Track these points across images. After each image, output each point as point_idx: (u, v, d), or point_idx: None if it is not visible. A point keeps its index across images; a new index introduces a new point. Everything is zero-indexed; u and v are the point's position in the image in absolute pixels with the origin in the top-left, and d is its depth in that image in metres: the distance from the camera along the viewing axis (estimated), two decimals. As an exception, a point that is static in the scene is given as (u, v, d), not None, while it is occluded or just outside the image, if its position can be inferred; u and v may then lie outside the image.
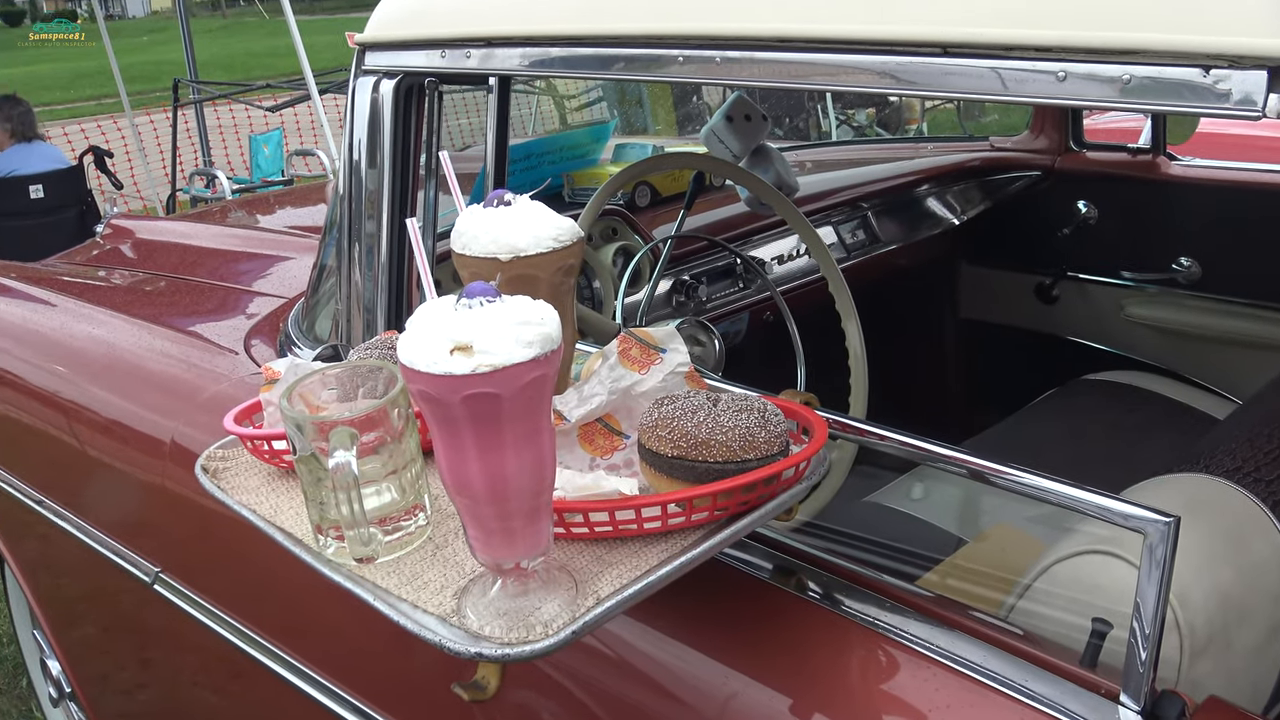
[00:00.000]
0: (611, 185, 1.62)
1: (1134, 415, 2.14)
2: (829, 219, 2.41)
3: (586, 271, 1.88)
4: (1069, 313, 2.59)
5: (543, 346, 0.76)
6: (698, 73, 1.05)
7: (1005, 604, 1.06)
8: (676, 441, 0.90)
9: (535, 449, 0.80)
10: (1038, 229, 2.59)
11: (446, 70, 1.32)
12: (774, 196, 1.80)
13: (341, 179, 1.48)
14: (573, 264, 1.00)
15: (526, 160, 2.07)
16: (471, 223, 0.97)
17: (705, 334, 1.71)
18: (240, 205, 3.79)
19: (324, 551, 0.95)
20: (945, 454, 1.00)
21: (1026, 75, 0.84)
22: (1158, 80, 0.78)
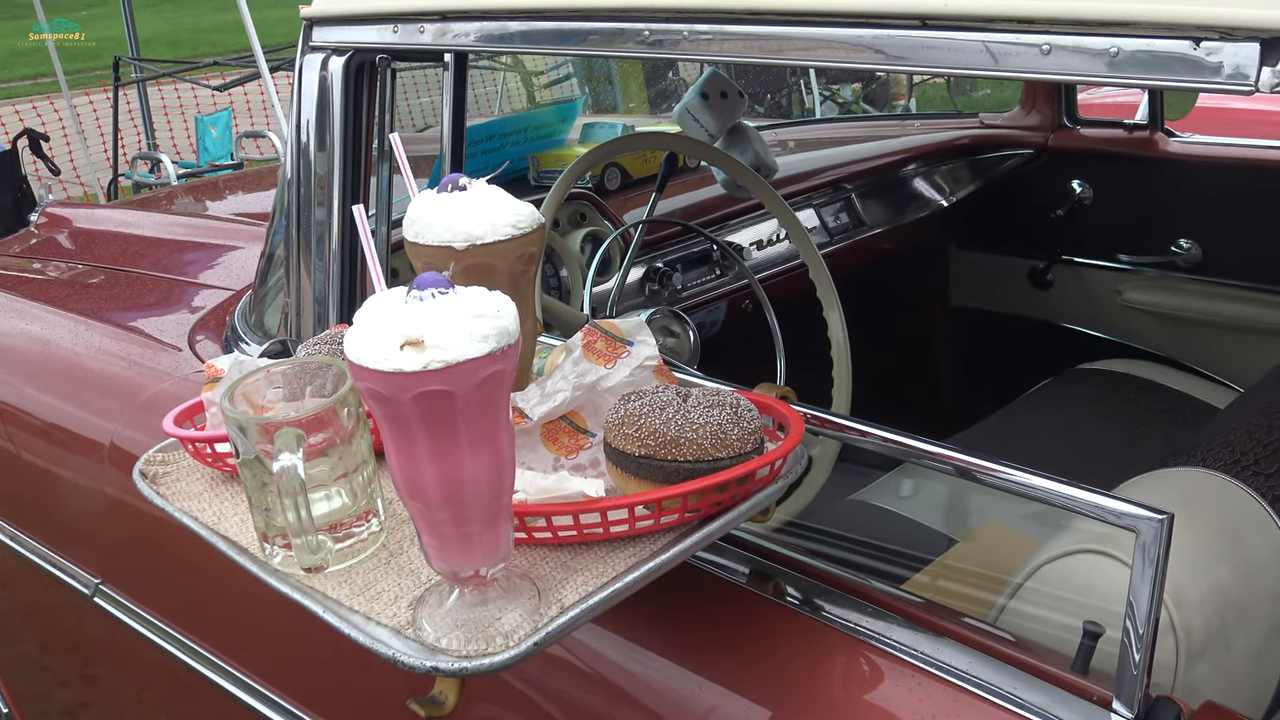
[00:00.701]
0: (578, 167, 1.61)
1: (1131, 405, 2.15)
2: (810, 201, 2.41)
3: (553, 259, 1.87)
4: (1063, 298, 2.60)
5: (499, 340, 0.76)
6: (665, 48, 1.05)
7: (994, 607, 1.06)
8: (644, 440, 0.90)
9: (493, 450, 0.79)
10: (1030, 210, 2.60)
11: (399, 46, 1.31)
12: (750, 178, 1.80)
13: (289, 162, 1.47)
14: (533, 252, 1.00)
15: (488, 141, 2.07)
16: (424, 209, 0.96)
17: (679, 325, 1.71)
18: (186, 191, 3.76)
19: (271, 561, 0.95)
20: (930, 450, 1.00)
21: (1009, 49, 0.84)
22: (1146, 53, 0.78)
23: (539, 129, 2.17)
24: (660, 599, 1.00)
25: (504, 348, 0.76)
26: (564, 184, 1.59)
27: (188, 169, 6.61)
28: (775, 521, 1.28)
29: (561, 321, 1.59)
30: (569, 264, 1.86)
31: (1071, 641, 0.90)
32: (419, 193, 0.98)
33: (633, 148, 1.94)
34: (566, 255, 1.86)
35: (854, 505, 1.78)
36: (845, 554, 1.42)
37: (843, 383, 1.78)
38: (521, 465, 1.00)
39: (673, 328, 1.71)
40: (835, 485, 1.80)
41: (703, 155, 1.86)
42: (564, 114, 2.24)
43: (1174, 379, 2.22)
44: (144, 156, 6.86)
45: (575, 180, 1.62)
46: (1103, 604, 0.94)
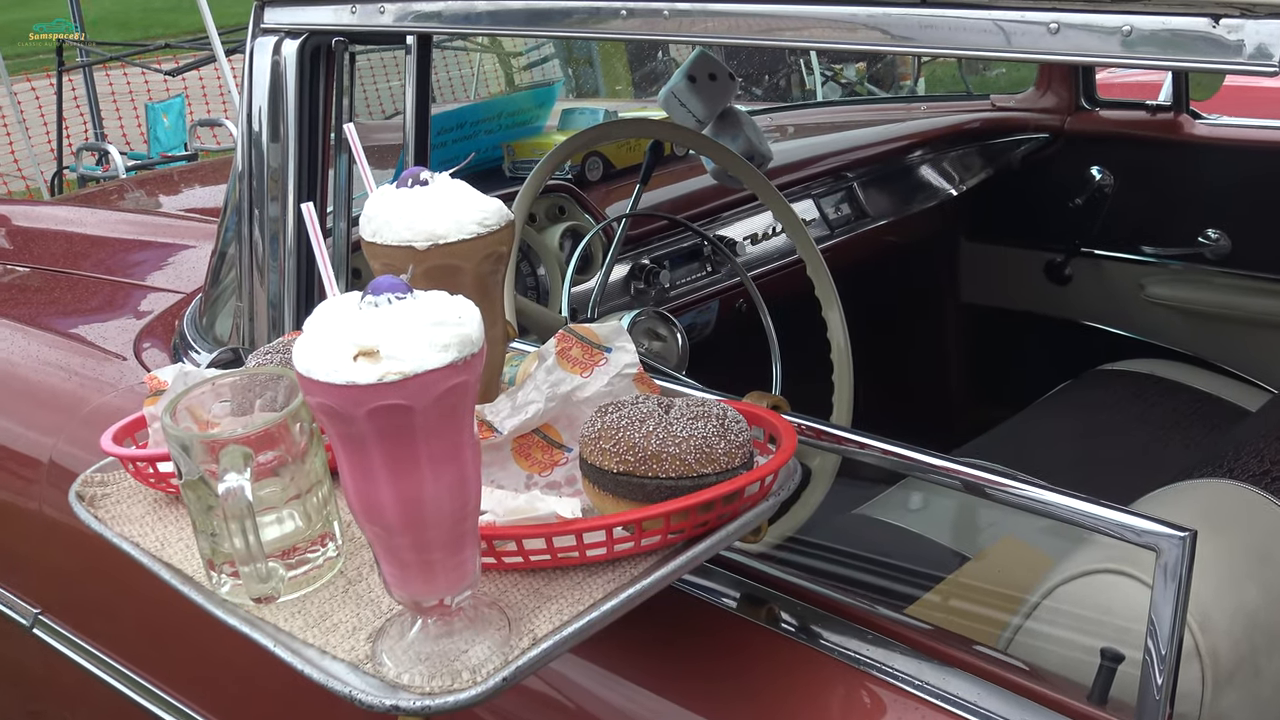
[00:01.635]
0: (554, 157, 1.60)
1: (1157, 409, 2.15)
2: (809, 191, 2.41)
3: (529, 257, 1.87)
4: (1083, 294, 2.60)
5: (461, 350, 0.75)
6: (643, 28, 1.05)
7: (1006, 631, 1.06)
8: (622, 455, 0.89)
9: (456, 468, 0.79)
10: (1046, 199, 2.60)
11: (357, 28, 1.31)
12: (741, 167, 1.80)
13: (240, 154, 1.46)
14: (502, 252, 0.99)
15: (459, 130, 2.06)
16: (382, 206, 0.96)
17: (666, 327, 1.70)
18: (136, 185, 3.75)
19: (218, 590, 0.94)
20: (936, 464, 1.00)
21: (1015, 27, 0.84)
22: (1162, 31, 0.78)
23: (514, 115, 2.16)
24: (643, 627, 0.99)
25: (466, 358, 0.76)
26: (539, 175, 1.58)
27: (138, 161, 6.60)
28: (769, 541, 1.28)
29: (538, 325, 1.58)
30: (547, 262, 1.86)
31: (1089, 668, 0.89)
32: (377, 188, 0.97)
33: (613, 136, 1.93)
34: (544, 252, 1.85)
35: (858, 521, 1.78)
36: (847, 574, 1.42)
37: (843, 388, 1.78)
38: (491, 483, 1.00)
39: (659, 330, 1.70)
40: (838, 499, 1.80)
41: (689, 143, 1.86)
42: (541, 99, 2.23)
43: (1202, 380, 2.23)
44: (90, 148, 6.84)
45: (551, 171, 1.62)
46: (1123, 627, 0.93)
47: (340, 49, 1.33)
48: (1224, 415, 2.11)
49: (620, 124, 1.94)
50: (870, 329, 2.57)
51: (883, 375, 2.60)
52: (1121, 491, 1.57)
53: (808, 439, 1.03)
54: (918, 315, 2.74)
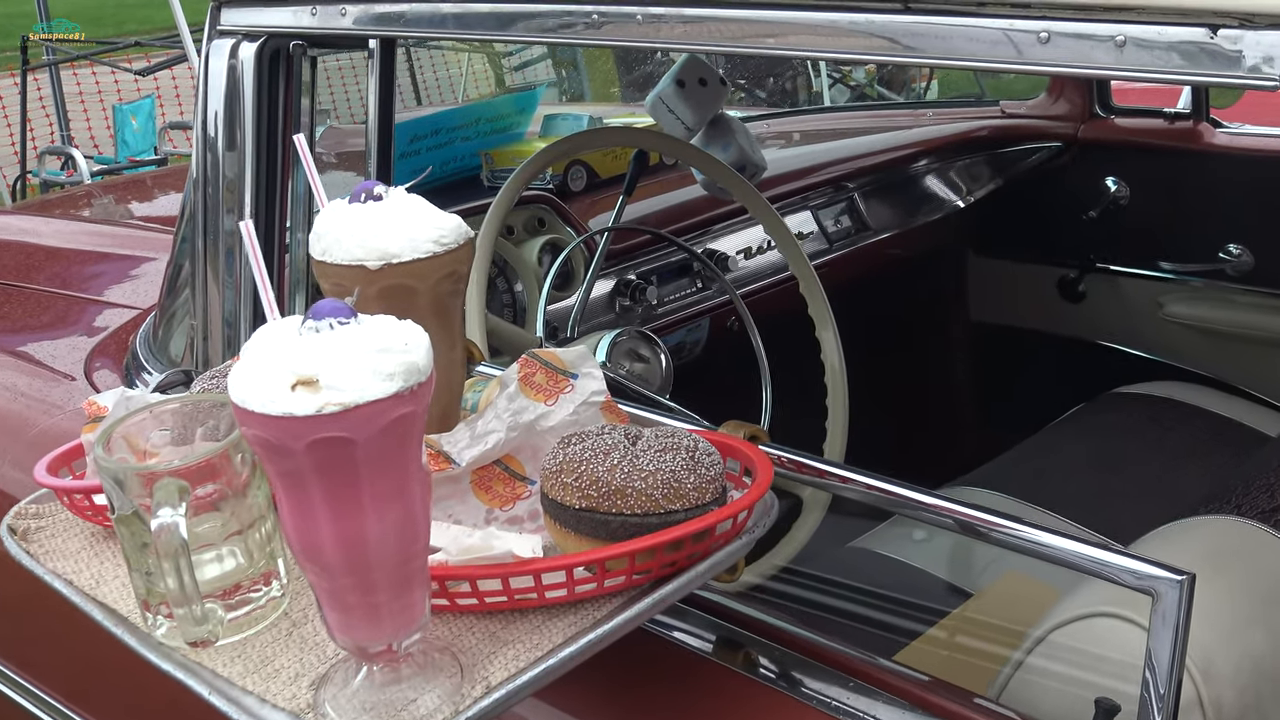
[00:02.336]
0: (530, 167, 1.60)
1: (1174, 435, 2.14)
2: (807, 202, 2.40)
3: (507, 273, 1.86)
4: (1097, 312, 2.59)
5: (406, 379, 0.74)
6: (615, 34, 1.05)
7: (999, 679, 1.05)
8: (585, 490, 0.88)
9: (402, 505, 0.78)
10: (1059, 212, 2.60)
11: (318, 31, 1.31)
12: (729, 178, 1.79)
13: (195, 162, 1.46)
14: (460, 271, 0.99)
15: (434, 137, 2.06)
16: (333, 222, 0.95)
17: (649, 347, 1.70)
18: (101, 191, 3.74)
19: (153, 632, 0.93)
20: (924, 501, 0.99)
21: (1003, 36, 0.84)
22: (1157, 42, 0.77)
23: (493, 121, 2.16)
24: (610, 671, 0.98)
25: (413, 387, 0.75)
26: (514, 186, 1.58)
27: (104, 165, 6.59)
28: (752, 579, 1.27)
29: (511, 346, 1.57)
30: (525, 277, 1.85)
31: (1085, 718, 0.88)
32: (329, 203, 0.97)
33: (592, 145, 1.93)
34: (522, 267, 1.85)
35: (854, 555, 1.77)
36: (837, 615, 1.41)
37: (838, 413, 1.77)
38: (448, 518, 0.99)
39: (641, 351, 1.69)
40: (835, 530, 1.79)
41: (673, 152, 1.85)
42: (522, 104, 2.23)
43: (1223, 404, 2.22)
44: (54, 151, 6.84)
45: (527, 182, 1.61)
46: (1121, 675, 0.93)
47: (299, 53, 1.33)
48: (1245, 441, 2.10)
49: (598, 133, 1.94)
50: (872, 348, 2.57)
51: (885, 397, 2.60)
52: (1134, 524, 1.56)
53: (787, 472, 1.02)
54: (923, 333, 2.74)
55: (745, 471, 1.00)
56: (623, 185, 1.92)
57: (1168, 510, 1.43)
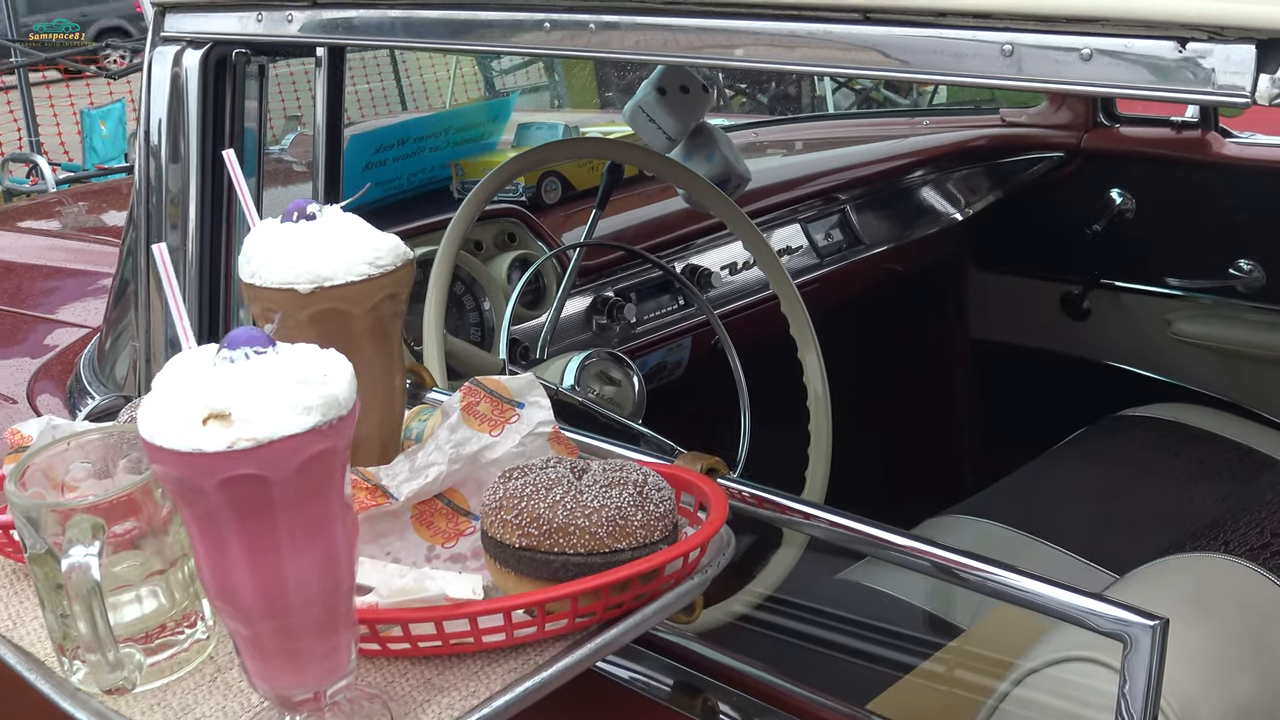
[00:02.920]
0: (493, 181, 1.59)
1: (1183, 460, 2.13)
2: (796, 215, 2.39)
3: (474, 290, 1.85)
4: (1102, 330, 2.58)
5: (325, 413, 0.73)
6: (567, 42, 1.04)
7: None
8: (525, 528, 0.87)
9: (323, 546, 0.77)
10: (1062, 225, 2.59)
11: (264, 38, 1.30)
12: (705, 191, 1.78)
13: (138, 174, 1.45)
14: (399, 294, 0.98)
15: (400, 146, 2.05)
16: (262, 243, 0.94)
17: (620, 369, 1.69)
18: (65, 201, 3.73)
19: (70, 677, 0.92)
20: (893, 541, 0.98)
21: (966, 47, 0.83)
22: (1124, 56, 0.77)
23: (463, 130, 2.15)
24: (559, 716, 0.97)
25: (332, 421, 0.74)
26: (476, 199, 1.57)
27: (72, 173, 6.59)
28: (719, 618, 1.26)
29: (472, 368, 1.56)
30: (493, 295, 1.84)
31: (1058, 772, 0.87)
32: (259, 222, 0.96)
33: (558, 157, 1.92)
34: (490, 284, 1.84)
35: (840, 588, 1.76)
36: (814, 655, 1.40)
37: (821, 440, 1.76)
38: (387, 555, 0.98)
39: (612, 373, 1.68)
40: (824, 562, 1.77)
41: (643, 164, 1.84)
42: (495, 112, 2.22)
43: (1233, 427, 2.20)
44: (18, 159, 6.84)
45: (491, 195, 1.60)
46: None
47: (241, 61, 1.32)
48: (1257, 467, 2.09)
49: (566, 144, 1.93)
50: (867, 367, 2.56)
51: (880, 420, 2.59)
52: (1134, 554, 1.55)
53: (746, 508, 1.01)
54: (919, 352, 2.73)
55: (700, 507, 0.99)
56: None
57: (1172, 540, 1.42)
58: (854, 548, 1.01)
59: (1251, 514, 1.17)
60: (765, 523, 1.04)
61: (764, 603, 1.45)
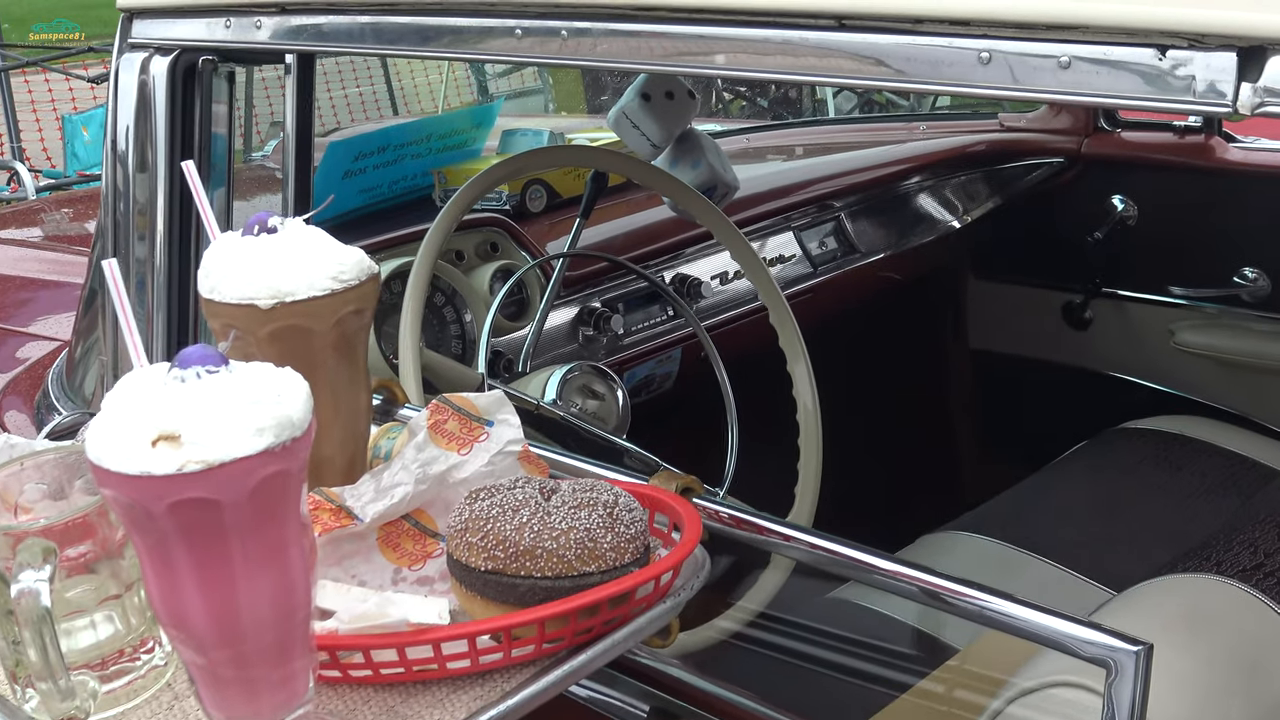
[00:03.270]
0: (473, 189, 1.59)
1: (1185, 474, 2.12)
2: (789, 223, 2.39)
3: (455, 301, 1.85)
4: (1104, 340, 2.58)
5: (278, 434, 0.73)
6: (539, 49, 1.04)
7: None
8: (491, 550, 0.87)
9: (278, 571, 0.76)
10: (1062, 233, 2.59)
11: (232, 45, 1.30)
12: (690, 199, 1.78)
13: (106, 183, 1.45)
14: (363, 309, 0.97)
15: (381, 153, 2.04)
16: (222, 257, 0.94)
17: (604, 383, 1.68)
18: (44, 209, 3.73)
19: (23, 705, 0.91)
20: (875, 564, 0.98)
21: (942, 54, 0.83)
22: (1104, 63, 0.76)
23: (446, 137, 2.14)
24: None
25: (286, 443, 0.73)
26: (455, 208, 1.56)
27: (53, 179, 6.58)
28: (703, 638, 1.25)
29: (449, 382, 1.56)
30: (474, 307, 1.84)
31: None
32: (219, 236, 0.95)
33: (538, 165, 1.92)
34: (471, 296, 1.83)
35: (828, 607, 1.75)
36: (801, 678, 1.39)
37: (811, 455, 1.75)
38: (352, 578, 0.97)
39: (595, 387, 1.68)
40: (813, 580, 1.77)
41: (626, 171, 1.84)
42: (479, 118, 2.22)
43: (1238, 440, 2.20)
44: (0, 165, 6.83)
45: (470, 204, 1.60)
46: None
47: (208, 69, 1.32)
48: (1262, 480, 2.08)
49: (547, 152, 1.93)
50: (863, 378, 2.56)
51: (876, 432, 2.58)
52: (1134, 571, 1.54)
53: (723, 529, 1.01)
54: (916, 363, 2.72)
55: (675, 528, 0.98)
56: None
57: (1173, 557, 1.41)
58: (836, 571, 1.00)
59: (1245, 533, 1.16)
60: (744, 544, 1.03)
61: (748, 624, 1.44)
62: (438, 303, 1.82)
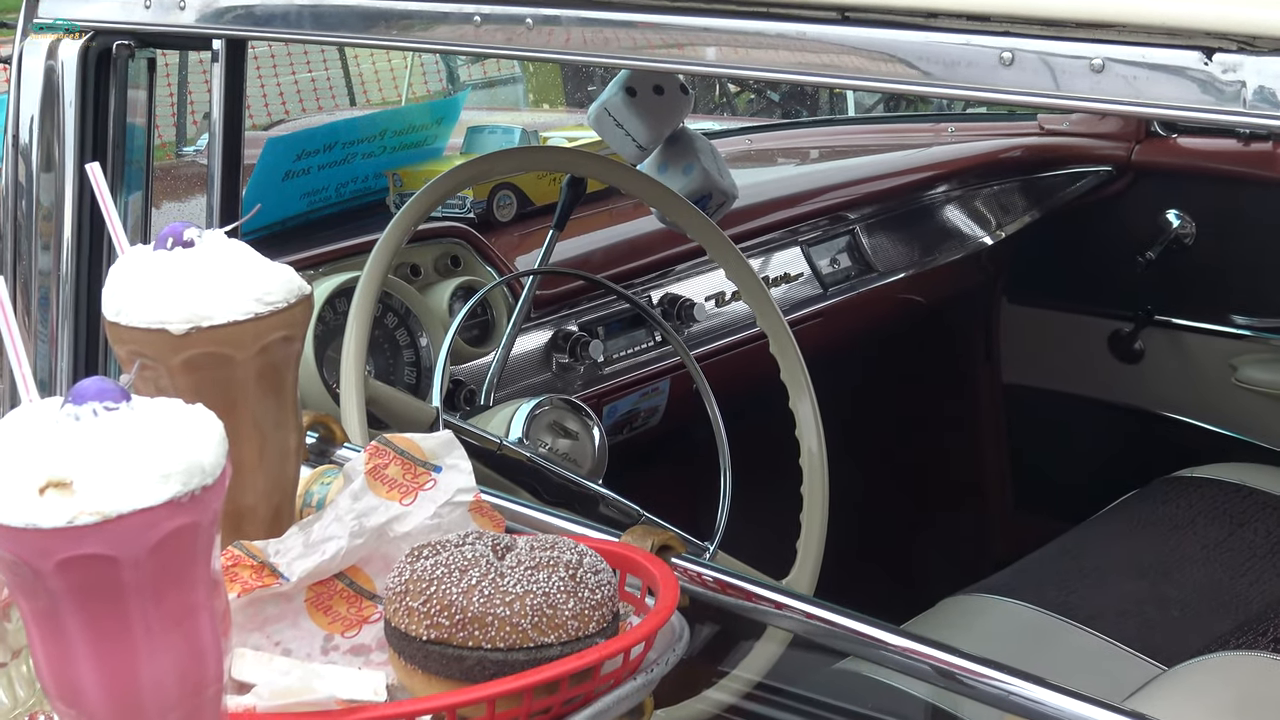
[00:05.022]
0: (430, 195, 1.59)
1: (1248, 531, 2.13)
2: (797, 238, 2.40)
3: (409, 323, 1.85)
4: (1156, 376, 2.58)
5: (186, 481, 0.73)
6: (500, 39, 1.05)
7: None
8: (434, 617, 0.87)
9: (185, 639, 0.76)
10: (1109, 252, 2.60)
11: (152, 28, 1.31)
12: (681, 210, 1.78)
13: (6, 183, 1.45)
14: (293, 335, 0.97)
15: (328, 151, 2.05)
16: (129, 276, 0.94)
17: (577, 419, 1.68)
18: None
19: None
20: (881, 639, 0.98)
21: (959, 53, 0.84)
22: (1141, 67, 0.77)
23: (403, 134, 2.14)
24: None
25: (194, 491, 0.73)
26: (407, 217, 1.56)
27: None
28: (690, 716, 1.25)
29: (399, 417, 1.56)
30: (430, 330, 1.83)
31: None
32: (128, 249, 0.95)
33: (502, 169, 1.91)
34: (427, 317, 1.83)
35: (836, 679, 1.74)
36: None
37: (815, 505, 1.75)
38: (277, 646, 0.97)
39: (567, 424, 1.68)
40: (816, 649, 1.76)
41: (608, 177, 1.84)
42: (441, 112, 2.22)
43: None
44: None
45: (426, 212, 1.59)
46: None
47: (124, 54, 1.32)
48: (1335, 540, 2.09)
49: (515, 154, 1.93)
50: (877, 418, 2.56)
51: (891, 479, 2.59)
52: (1190, 643, 1.54)
53: (706, 593, 1.01)
54: (939, 400, 2.73)
55: (650, 592, 0.98)
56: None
57: (1232, 628, 1.41)
58: (836, 646, 1.00)
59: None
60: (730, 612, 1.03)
61: (738, 698, 1.44)
62: (389, 325, 1.82)
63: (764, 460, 1.83)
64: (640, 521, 1.61)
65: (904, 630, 0.97)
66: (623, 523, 1.57)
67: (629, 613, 0.96)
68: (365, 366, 1.49)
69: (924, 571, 2.46)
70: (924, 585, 2.07)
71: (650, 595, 0.98)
